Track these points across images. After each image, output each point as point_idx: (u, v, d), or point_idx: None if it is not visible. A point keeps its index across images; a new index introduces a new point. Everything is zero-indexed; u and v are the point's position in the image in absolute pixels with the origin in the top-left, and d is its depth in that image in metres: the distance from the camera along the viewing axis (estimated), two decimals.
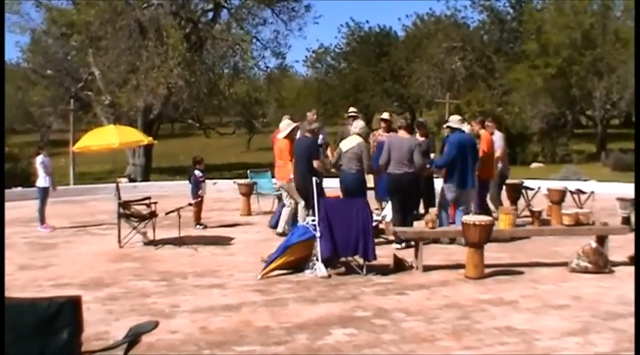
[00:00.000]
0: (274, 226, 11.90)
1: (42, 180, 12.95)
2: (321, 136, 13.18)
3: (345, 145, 10.29)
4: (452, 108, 28.89)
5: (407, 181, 9.91)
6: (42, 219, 12.82)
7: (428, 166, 11.08)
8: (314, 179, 9.39)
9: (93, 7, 26.32)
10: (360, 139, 10.27)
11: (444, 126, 11.34)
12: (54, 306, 3.74)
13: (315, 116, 13.57)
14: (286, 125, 11.43)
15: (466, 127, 10.92)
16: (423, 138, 11.69)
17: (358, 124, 10.63)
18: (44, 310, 3.74)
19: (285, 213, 11.36)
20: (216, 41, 29.66)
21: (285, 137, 11.41)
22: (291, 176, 11.05)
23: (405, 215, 10.05)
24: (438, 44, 40.50)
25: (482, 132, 11.69)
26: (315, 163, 10.70)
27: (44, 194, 12.93)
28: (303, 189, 10.66)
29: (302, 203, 10.94)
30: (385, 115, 13.52)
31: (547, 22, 34.53)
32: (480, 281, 8.17)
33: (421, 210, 12.65)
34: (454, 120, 10.71)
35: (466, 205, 10.35)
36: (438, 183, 11.53)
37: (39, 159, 13.12)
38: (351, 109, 13.81)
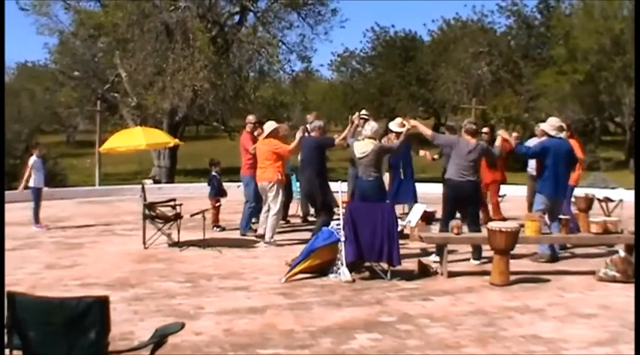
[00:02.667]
0: (244, 230, 11.89)
1: (34, 181, 13.01)
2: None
3: (358, 150, 9.62)
4: (478, 114, 28.72)
5: (468, 189, 9.38)
6: (36, 219, 12.90)
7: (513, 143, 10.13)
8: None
9: (121, 9, 26.62)
10: (373, 143, 9.56)
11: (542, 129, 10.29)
12: (82, 305, 3.77)
13: (314, 118, 13.46)
14: (269, 126, 11.25)
15: (563, 134, 10.16)
16: None
17: (371, 127, 9.77)
18: (73, 309, 3.76)
19: (263, 216, 11.05)
20: (242, 44, 29.83)
21: (266, 137, 11.08)
22: (279, 176, 10.83)
23: (447, 224, 9.38)
24: (465, 49, 40.34)
25: (570, 140, 11.14)
26: (335, 142, 10.80)
27: (37, 194, 12.97)
28: (310, 195, 10.56)
29: (275, 208, 10.79)
30: (394, 126, 11.70)
31: (575, 27, 34.24)
32: (506, 288, 8.08)
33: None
34: (553, 125, 9.78)
35: (556, 214, 9.64)
36: None
37: (32, 159, 13.13)
38: (363, 112, 13.54)
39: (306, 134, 11.25)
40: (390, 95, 47.10)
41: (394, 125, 11.43)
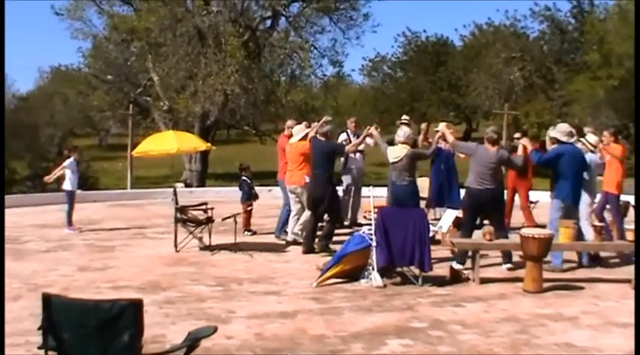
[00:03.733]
0: (279, 233, 11.84)
1: (68, 184, 13.11)
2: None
3: (392, 155, 9.68)
4: (510, 119, 28.49)
5: (487, 198, 9.29)
6: (69, 221, 13.02)
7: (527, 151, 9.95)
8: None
9: (153, 13, 26.82)
10: (406, 149, 9.63)
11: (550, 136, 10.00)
12: (116, 308, 3.79)
13: (354, 124, 13.44)
14: (299, 129, 11.25)
15: (590, 139, 10.18)
16: None
17: (403, 132, 9.83)
18: (107, 311, 3.79)
19: (293, 219, 11.16)
20: (274, 49, 29.93)
21: (300, 140, 11.07)
22: (306, 179, 10.86)
23: (472, 232, 9.41)
24: (497, 54, 39.96)
25: (614, 145, 10.98)
26: (346, 149, 11.38)
27: (71, 197, 13.09)
28: (320, 195, 10.55)
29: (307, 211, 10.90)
30: (442, 127, 11.30)
31: (610, 32, 33.76)
32: (539, 295, 8.00)
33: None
34: (563, 131, 9.62)
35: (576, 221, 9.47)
36: None
37: (68, 161, 13.24)
38: (404, 117, 13.50)
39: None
40: (421, 100, 46.84)
41: (442, 126, 11.52)
